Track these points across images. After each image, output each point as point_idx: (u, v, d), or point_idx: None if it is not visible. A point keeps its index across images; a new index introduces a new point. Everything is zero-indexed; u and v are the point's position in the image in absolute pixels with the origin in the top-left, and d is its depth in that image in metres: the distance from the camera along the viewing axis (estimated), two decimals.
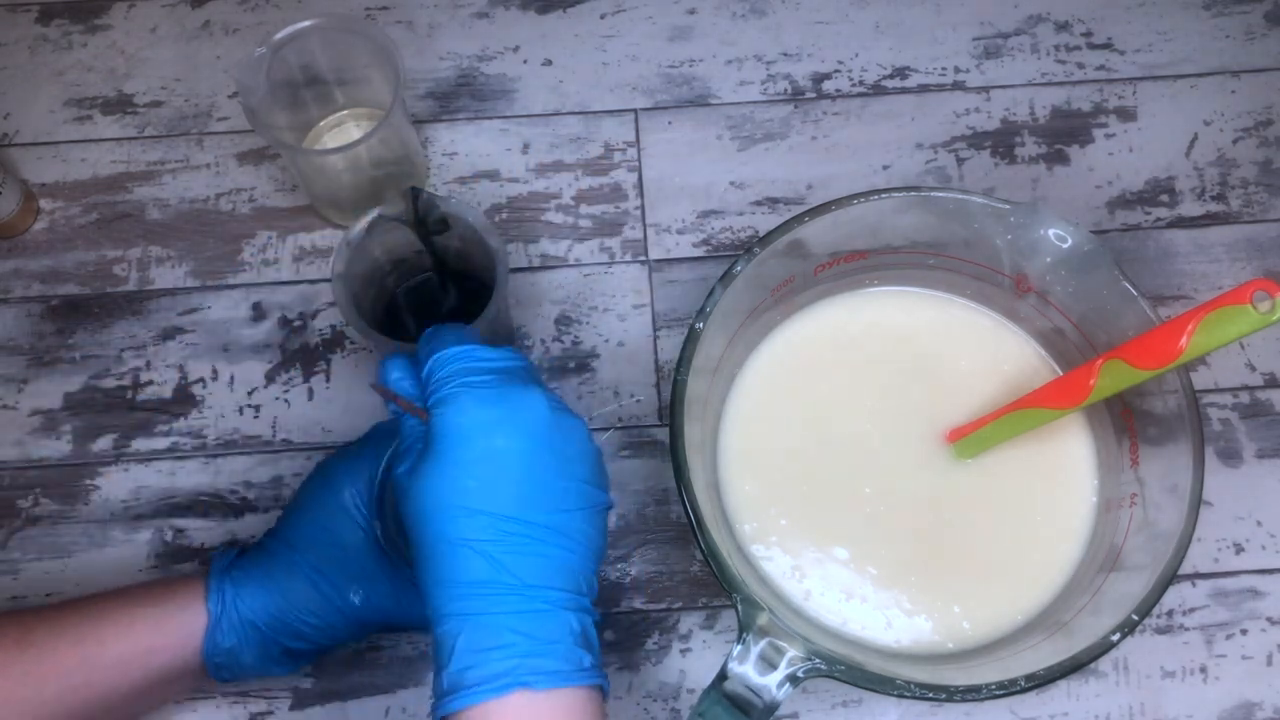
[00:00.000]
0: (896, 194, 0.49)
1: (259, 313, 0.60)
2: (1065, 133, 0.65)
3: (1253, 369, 0.59)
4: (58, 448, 0.58)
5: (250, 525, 0.56)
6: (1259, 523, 0.56)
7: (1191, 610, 0.54)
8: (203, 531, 0.56)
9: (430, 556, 0.38)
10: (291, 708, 0.52)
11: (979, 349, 0.53)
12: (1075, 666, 0.41)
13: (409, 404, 0.43)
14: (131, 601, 0.45)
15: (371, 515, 0.47)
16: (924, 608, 0.48)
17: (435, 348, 0.42)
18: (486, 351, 0.42)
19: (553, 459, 0.40)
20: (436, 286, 0.58)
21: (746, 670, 0.41)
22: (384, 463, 0.48)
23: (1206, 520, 0.55)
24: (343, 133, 0.63)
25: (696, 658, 0.53)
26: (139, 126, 0.65)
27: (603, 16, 0.68)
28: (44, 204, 0.63)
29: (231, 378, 0.59)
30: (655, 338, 0.60)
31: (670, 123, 0.65)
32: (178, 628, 0.45)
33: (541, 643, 0.38)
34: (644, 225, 0.62)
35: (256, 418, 0.58)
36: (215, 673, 0.46)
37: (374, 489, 0.47)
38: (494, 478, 0.39)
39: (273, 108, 0.57)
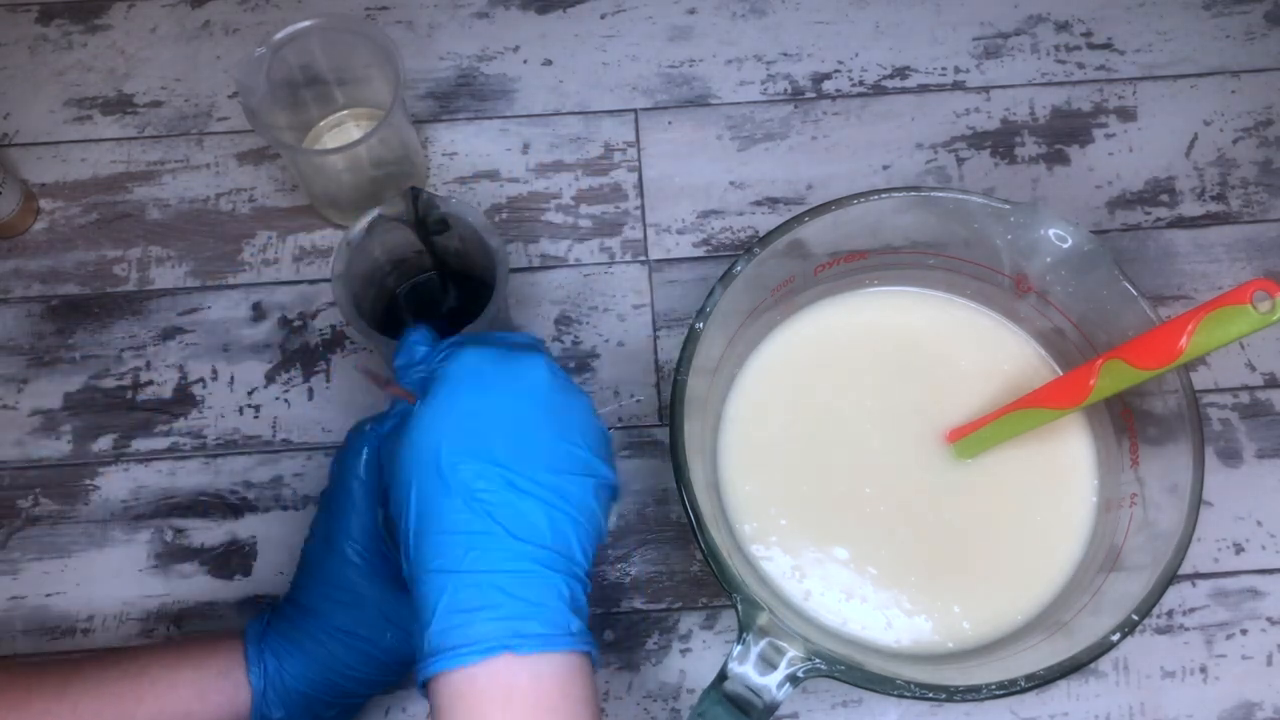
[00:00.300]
0: (896, 194, 0.49)
1: (259, 313, 0.60)
2: (1065, 133, 0.65)
3: (1253, 369, 0.59)
4: (58, 448, 0.58)
5: (250, 525, 0.56)
6: (1259, 523, 0.56)
7: (1191, 610, 0.54)
8: (203, 531, 0.56)
9: (415, 504, 0.37)
10: None
11: (979, 349, 0.53)
12: (1075, 666, 0.41)
13: (398, 387, 0.43)
14: (171, 664, 0.45)
15: (376, 553, 0.47)
16: (924, 608, 0.48)
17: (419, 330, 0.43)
18: (496, 334, 0.42)
19: (551, 420, 0.39)
20: (436, 286, 0.58)
21: (746, 670, 0.41)
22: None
23: (1206, 520, 0.55)
24: (343, 133, 0.63)
25: (696, 658, 0.53)
26: (139, 126, 0.65)
27: (603, 16, 0.68)
28: (44, 204, 0.63)
29: (231, 378, 0.59)
30: (655, 338, 0.60)
31: (670, 123, 0.65)
32: (217, 694, 0.44)
33: (528, 604, 0.36)
34: (644, 225, 0.62)
35: (256, 418, 0.58)
36: None
37: (375, 524, 0.47)
38: (489, 426, 0.38)
39: (273, 108, 0.57)
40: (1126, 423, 0.49)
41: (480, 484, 0.37)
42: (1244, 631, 0.54)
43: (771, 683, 0.41)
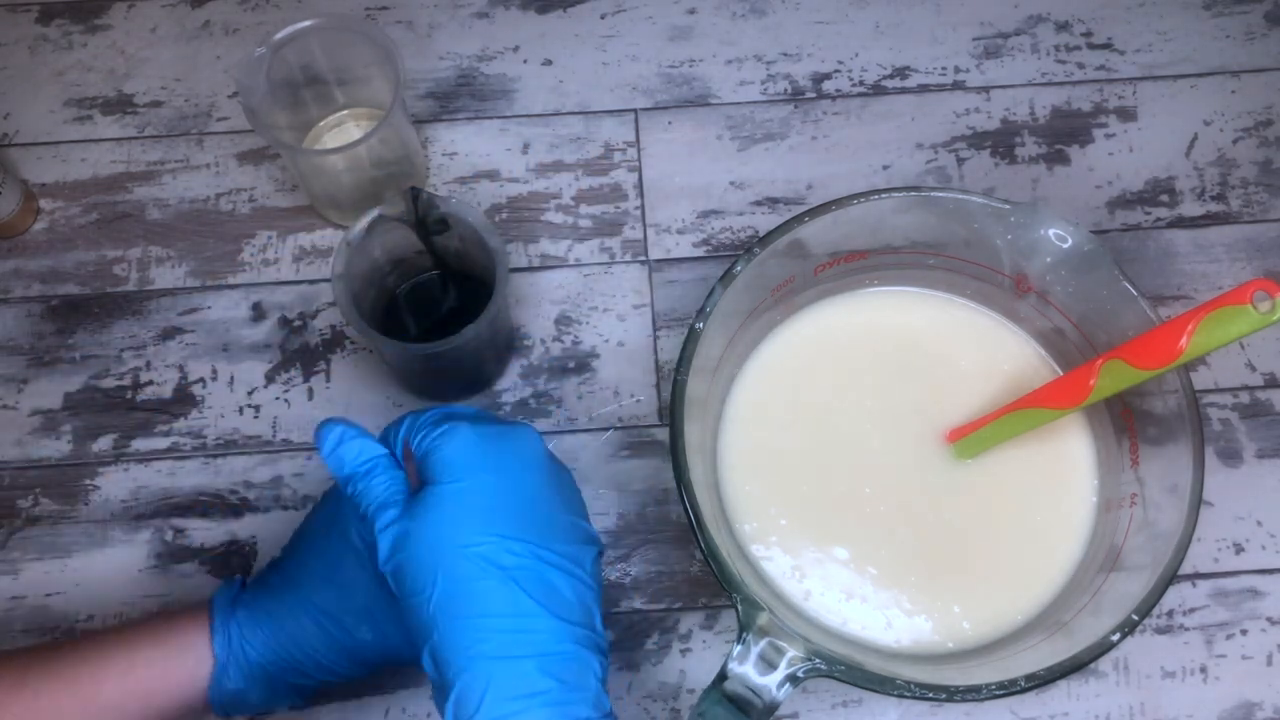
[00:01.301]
0: (896, 194, 0.49)
1: (259, 313, 0.60)
2: (1065, 133, 0.65)
3: (1253, 369, 0.59)
4: (58, 448, 0.58)
5: (250, 525, 0.56)
6: (1259, 523, 0.56)
7: (1191, 610, 0.54)
8: (203, 531, 0.56)
9: (445, 590, 0.37)
10: (291, 708, 0.52)
11: (979, 349, 0.53)
12: (1075, 666, 0.41)
13: (407, 463, 0.42)
14: (131, 644, 0.44)
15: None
16: (924, 608, 0.48)
17: (403, 418, 0.41)
18: (462, 407, 0.42)
19: (557, 492, 0.40)
20: (436, 286, 0.58)
21: (746, 670, 0.41)
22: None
23: (1206, 520, 0.55)
24: (343, 133, 0.63)
25: (696, 658, 0.53)
26: (139, 126, 0.65)
27: (603, 16, 0.68)
28: (44, 204, 0.63)
29: (231, 378, 0.59)
30: (655, 338, 0.60)
31: (670, 123, 0.65)
32: (179, 669, 0.43)
33: (572, 689, 0.36)
34: (644, 225, 0.62)
35: (256, 418, 0.58)
36: (220, 711, 0.45)
37: None
38: (504, 502, 0.38)
39: (273, 108, 0.57)
40: (1126, 423, 0.49)
41: (510, 560, 0.37)
42: (1244, 631, 0.54)
43: (771, 683, 0.41)
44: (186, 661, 0.44)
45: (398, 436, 0.42)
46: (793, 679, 0.40)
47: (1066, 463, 0.51)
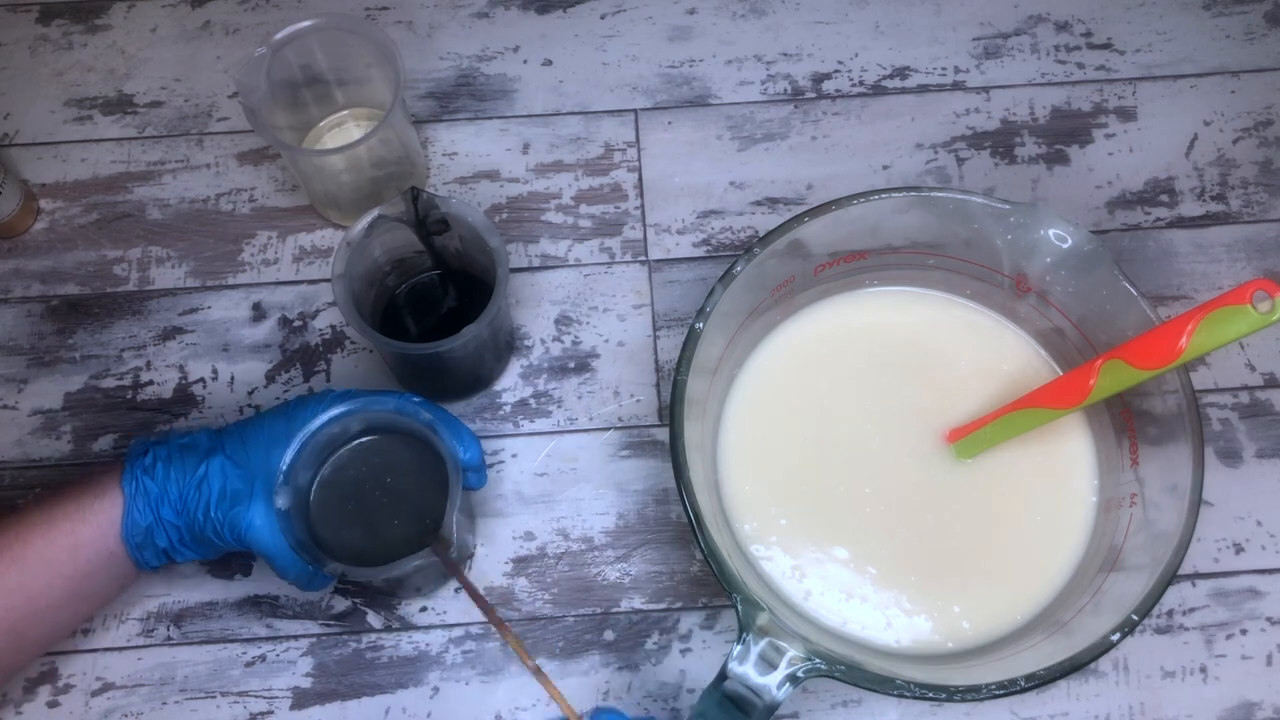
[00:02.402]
0: (896, 194, 0.49)
1: (259, 313, 0.60)
2: (1065, 133, 0.65)
3: (1253, 369, 0.59)
4: (58, 448, 0.58)
5: None
6: (1259, 523, 0.56)
7: (1191, 610, 0.54)
8: None
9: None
10: (291, 707, 0.52)
11: (979, 349, 0.53)
12: (1075, 666, 0.41)
13: (559, 697, 0.43)
14: (51, 500, 0.46)
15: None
16: (924, 608, 0.48)
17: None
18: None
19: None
20: (436, 286, 0.58)
21: (746, 670, 0.41)
22: (295, 447, 0.47)
23: (1206, 520, 0.55)
24: (343, 133, 0.63)
25: (696, 658, 0.53)
26: (139, 126, 0.65)
27: (603, 16, 0.68)
28: (44, 204, 0.63)
29: (232, 378, 0.59)
30: (655, 338, 0.60)
31: (670, 123, 0.65)
32: (96, 514, 0.46)
33: None
34: (644, 225, 0.62)
35: None
36: (138, 556, 0.47)
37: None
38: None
39: (273, 108, 0.57)
40: (1126, 423, 0.49)
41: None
42: (1244, 631, 0.54)
43: (771, 683, 0.41)
44: (103, 505, 0.46)
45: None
46: (793, 679, 0.40)
47: (1066, 463, 0.51)
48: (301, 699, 0.53)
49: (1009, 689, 0.41)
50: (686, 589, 0.55)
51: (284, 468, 0.46)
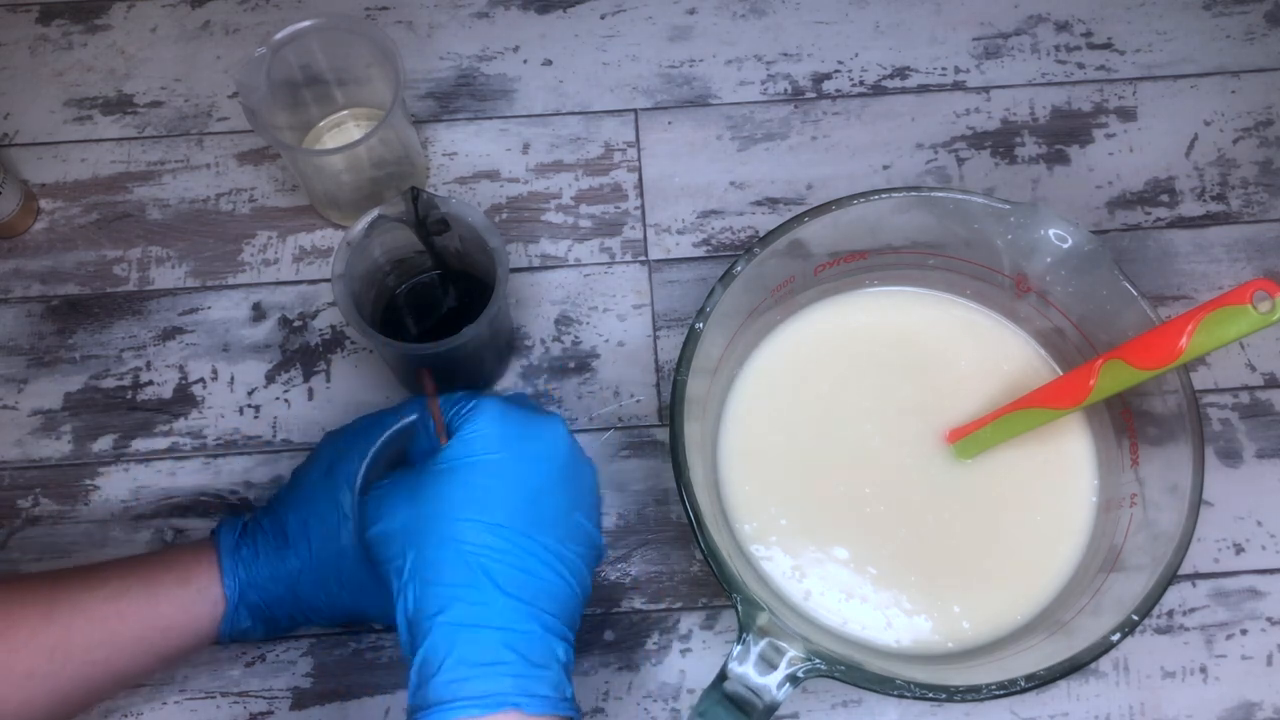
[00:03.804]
0: (896, 194, 0.49)
1: (259, 313, 0.60)
2: (1065, 133, 0.65)
3: (1253, 369, 0.59)
4: (58, 448, 0.58)
5: None
6: (1259, 523, 0.56)
7: (1191, 610, 0.54)
8: (203, 531, 0.56)
9: (430, 557, 0.38)
10: (291, 707, 0.52)
11: (979, 349, 0.53)
12: (1075, 666, 0.41)
13: (439, 416, 0.43)
14: (152, 580, 0.46)
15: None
16: (924, 608, 0.48)
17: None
18: (517, 394, 0.44)
19: (568, 489, 0.41)
20: (436, 286, 0.58)
21: (746, 670, 0.41)
22: (367, 462, 0.47)
23: (1206, 520, 0.55)
24: (343, 133, 0.63)
25: (696, 658, 0.53)
26: (139, 126, 0.65)
27: (603, 16, 0.68)
28: (44, 204, 0.63)
29: (231, 378, 0.59)
30: (655, 338, 0.60)
31: (670, 123, 0.65)
32: (197, 606, 0.46)
33: (534, 665, 0.38)
34: (644, 225, 0.62)
35: (257, 418, 0.58)
36: (224, 642, 0.47)
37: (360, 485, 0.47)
38: (514, 491, 0.39)
39: (273, 108, 0.57)
40: (1126, 423, 0.49)
41: (497, 546, 0.38)
42: (1244, 631, 0.54)
43: (771, 683, 0.41)
44: (201, 599, 0.46)
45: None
46: (793, 679, 0.40)
47: (1066, 463, 0.51)
48: (301, 699, 0.53)
49: (1009, 689, 0.41)
50: (686, 589, 0.55)
51: (351, 510, 0.46)
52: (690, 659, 0.53)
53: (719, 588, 0.51)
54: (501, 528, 0.38)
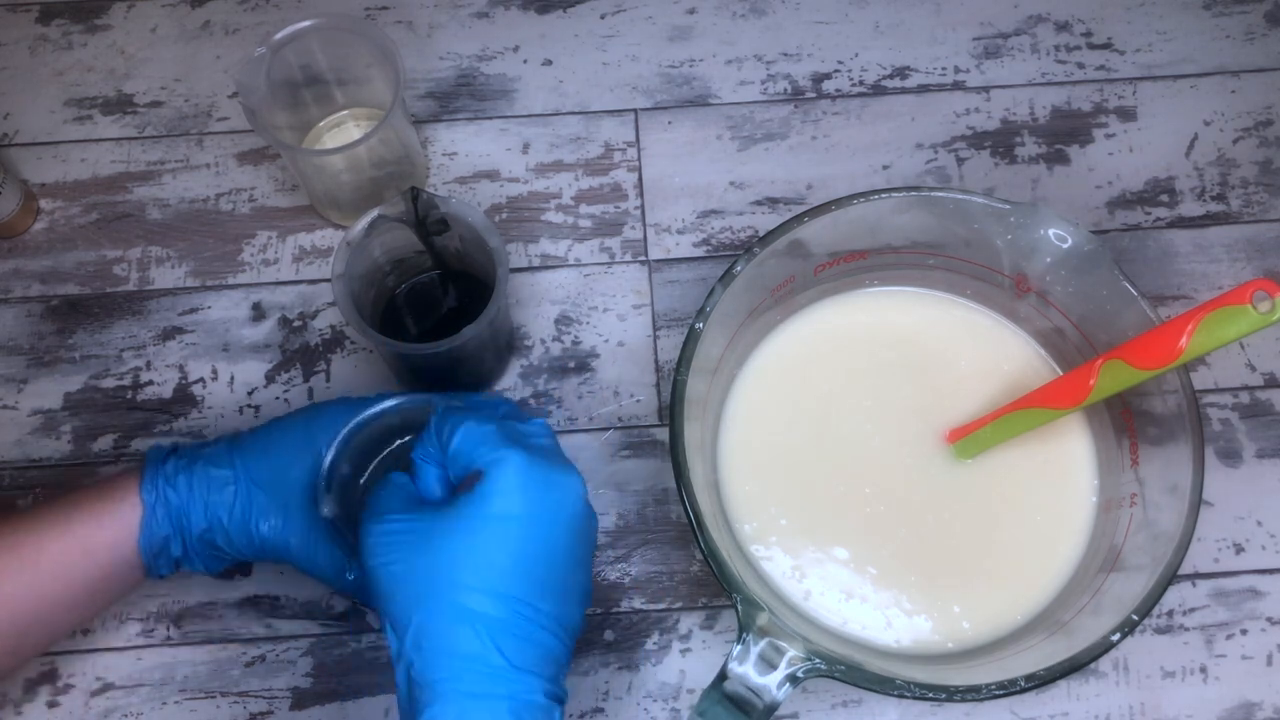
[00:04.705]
0: (896, 194, 0.49)
1: (259, 313, 0.60)
2: (1065, 133, 0.65)
3: (1253, 369, 0.59)
4: (58, 448, 0.58)
5: None
6: (1259, 523, 0.56)
7: (1191, 610, 0.54)
8: None
9: (439, 625, 0.38)
10: (291, 707, 0.52)
11: (979, 349, 0.53)
12: (1075, 666, 0.41)
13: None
14: (66, 503, 0.46)
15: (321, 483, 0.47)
16: (924, 608, 0.48)
17: (460, 420, 0.42)
18: (523, 425, 0.43)
19: (578, 549, 0.41)
20: (436, 286, 0.58)
21: (746, 670, 0.41)
22: (334, 451, 0.47)
23: (1206, 520, 0.55)
24: (343, 133, 0.63)
25: (696, 658, 0.53)
26: (139, 126, 0.65)
27: (603, 16, 0.68)
28: (44, 204, 0.63)
29: (231, 378, 0.59)
30: (655, 338, 0.60)
31: (670, 123, 0.65)
32: (114, 520, 0.45)
33: None
34: (644, 225, 0.62)
35: (257, 418, 0.58)
36: (151, 563, 0.46)
37: (330, 463, 0.47)
38: (528, 560, 0.39)
39: (273, 108, 0.57)
40: (1126, 423, 0.49)
41: (501, 615, 0.38)
42: (1244, 631, 0.54)
43: (771, 683, 0.41)
44: (120, 512, 0.45)
45: (449, 434, 0.43)
46: (793, 679, 0.41)
47: (1066, 463, 0.51)
48: (301, 699, 0.53)
49: (1009, 689, 0.41)
50: (686, 589, 0.55)
51: (324, 471, 0.46)
52: (690, 659, 0.53)
53: (719, 588, 0.51)
54: (514, 600, 0.39)
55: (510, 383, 0.59)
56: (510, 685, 0.38)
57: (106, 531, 0.45)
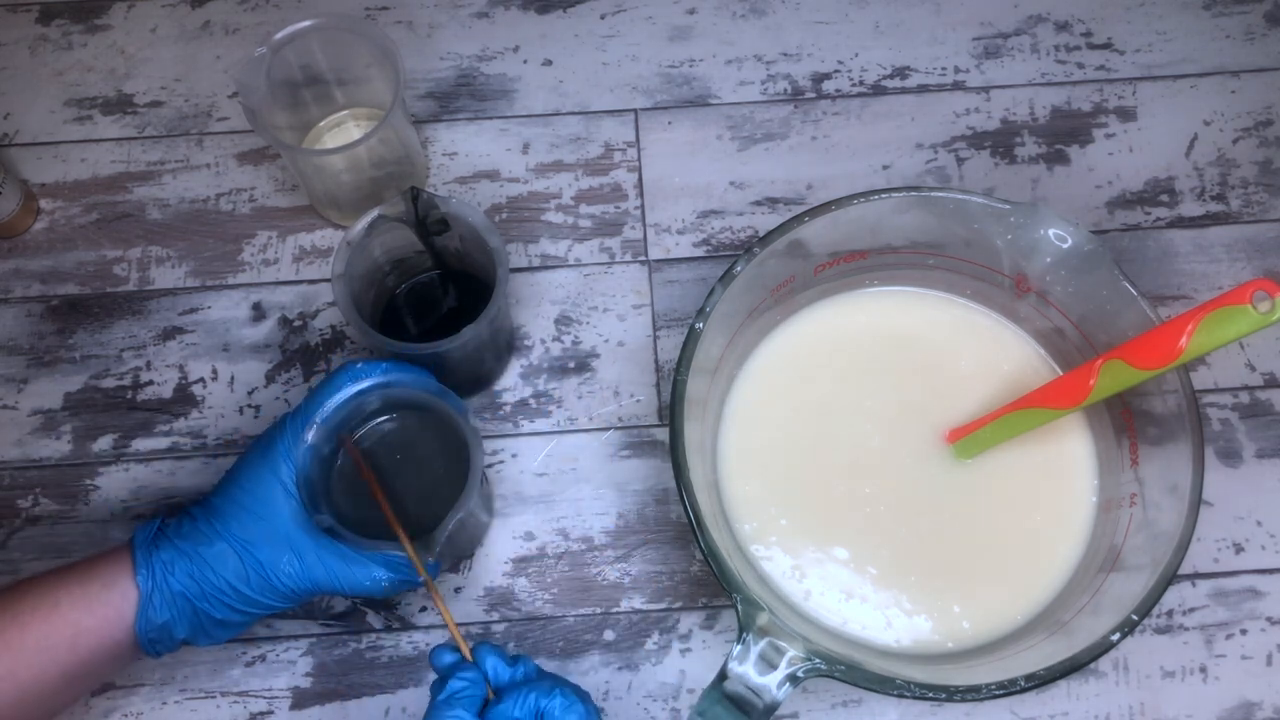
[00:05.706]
0: (896, 194, 0.49)
1: (259, 313, 0.60)
2: (1065, 133, 0.65)
3: (1253, 369, 0.59)
4: (58, 448, 0.58)
5: None
6: (1259, 523, 0.56)
7: (1191, 610, 0.54)
8: None
9: None
10: (291, 707, 0.52)
11: (979, 349, 0.53)
12: (1075, 666, 0.41)
13: (458, 634, 0.45)
14: (54, 584, 0.44)
15: (304, 490, 0.47)
16: (924, 607, 0.48)
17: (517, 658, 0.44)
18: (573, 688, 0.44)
19: None
20: (436, 286, 0.58)
21: (746, 670, 0.41)
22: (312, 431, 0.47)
23: (1206, 520, 0.55)
24: (343, 133, 0.63)
25: (696, 658, 0.53)
26: (139, 126, 0.65)
27: (603, 16, 0.68)
28: (44, 204, 0.63)
29: (232, 377, 0.59)
30: (655, 338, 0.60)
31: (670, 123, 0.65)
32: (104, 606, 0.44)
33: None
34: (644, 225, 0.62)
35: (257, 418, 0.58)
36: (149, 648, 0.45)
37: (303, 468, 0.47)
38: None
39: (273, 108, 0.57)
40: (1126, 423, 0.49)
41: None
42: (1244, 631, 0.54)
43: (771, 682, 0.41)
44: (111, 597, 0.44)
45: (500, 663, 0.44)
46: (793, 679, 0.41)
47: (1066, 463, 0.51)
48: (301, 699, 0.53)
49: (1009, 689, 0.41)
50: (686, 589, 0.55)
51: (300, 485, 0.46)
52: (690, 659, 0.53)
53: (719, 588, 0.51)
54: None
55: (510, 383, 0.59)
56: None
57: (94, 617, 0.44)
